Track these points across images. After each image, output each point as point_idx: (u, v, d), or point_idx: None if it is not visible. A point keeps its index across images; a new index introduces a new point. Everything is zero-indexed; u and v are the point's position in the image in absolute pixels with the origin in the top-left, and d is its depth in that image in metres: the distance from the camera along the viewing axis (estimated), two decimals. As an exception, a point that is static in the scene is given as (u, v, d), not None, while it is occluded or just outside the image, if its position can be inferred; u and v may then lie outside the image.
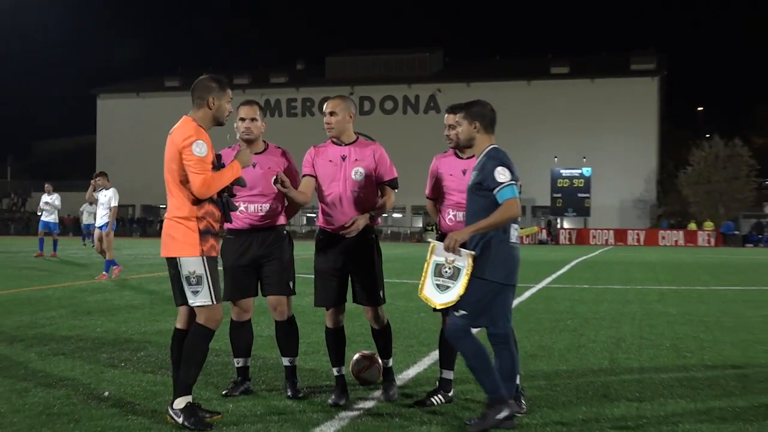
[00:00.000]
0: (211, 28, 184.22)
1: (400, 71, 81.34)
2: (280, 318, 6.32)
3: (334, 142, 6.20)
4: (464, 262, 5.27)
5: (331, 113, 6.12)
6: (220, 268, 5.63)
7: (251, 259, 6.21)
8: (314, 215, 79.93)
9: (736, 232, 59.82)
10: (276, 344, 6.51)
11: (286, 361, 6.35)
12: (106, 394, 6.16)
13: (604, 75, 76.33)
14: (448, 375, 6.06)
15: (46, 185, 25.66)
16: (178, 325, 5.69)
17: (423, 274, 5.49)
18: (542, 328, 10.06)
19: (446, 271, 5.35)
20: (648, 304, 13.18)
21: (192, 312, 5.57)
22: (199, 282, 5.34)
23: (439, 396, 5.99)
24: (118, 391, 6.29)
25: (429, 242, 5.54)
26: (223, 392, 6.25)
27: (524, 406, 5.73)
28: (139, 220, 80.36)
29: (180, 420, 5.23)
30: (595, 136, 73.80)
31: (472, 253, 5.25)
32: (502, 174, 5.23)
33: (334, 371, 6.18)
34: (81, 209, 33.03)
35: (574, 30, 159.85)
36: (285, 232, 6.39)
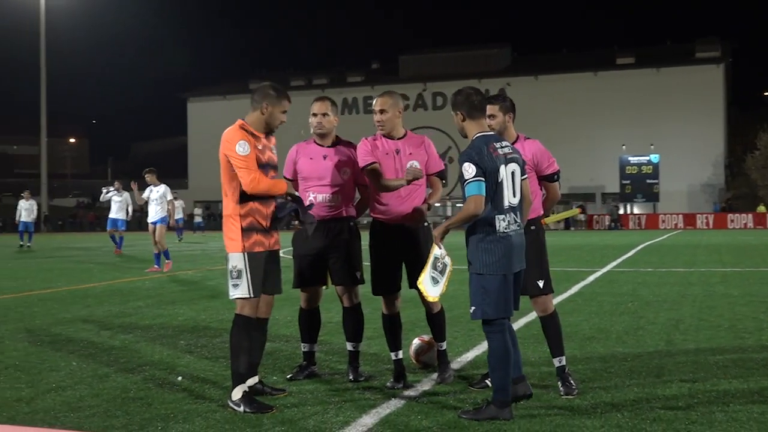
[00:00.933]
0: (291, 32, 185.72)
1: (470, 67, 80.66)
2: (347, 305, 6.31)
3: (385, 137, 6.13)
4: (448, 259, 5.35)
5: (381, 111, 6.05)
6: (288, 256, 5.68)
7: (318, 249, 6.19)
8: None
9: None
10: (342, 329, 6.49)
11: (349, 346, 6.33)
12: (180, 379, 6.22)
13: (669, 64, 74.52)
14: (561, 362, 5.77)
15: (116, 183, 24.77)
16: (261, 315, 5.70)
17: (425, 264, 5.45)
18: (603, 311, 9.83)
19: (439, 265, 5.37)
20: (710, 286, 12.79)
21: (268, 301, 5.68)
22: (239, 276, 5.40)
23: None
24: (192, 376, 6.35)
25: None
26: (288, 376, 6.26)
27: (574, 387, 5.58)
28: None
29: (240, 409, 5.22)
30: (662, 123, 72.14)
31: (440, 254, 5.34)
32: (466, 170, 5.02)
33: (392, 356, 6.14)
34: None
35: (639, 21, 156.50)
36: (352, 223, 6.35)
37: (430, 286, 5.35)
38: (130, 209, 24.60)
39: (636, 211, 67.22)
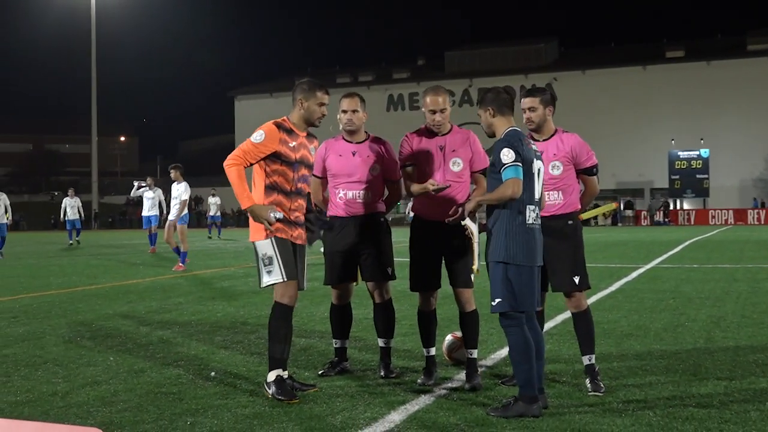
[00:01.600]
0: (337, 29, 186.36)
1: (516, 62, 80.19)
2: (378, 301, 6.30)
3: (430, 132, 6.04)
4: (475, 230, 5.42)
5: (443, 110, 5.96)
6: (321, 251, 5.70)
7: (349, 246, 6.19)
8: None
9: None
10: (374, 326, 6.49)
11: (381, 342, 6.32)
12: (213, 374, 6.27)
13: (719, 57, 73.31)
14: (590, 360, 5.68)
15: (148, 179, 24.10)
16: (288, 302, 5.69)
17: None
18: (643, 308, 9.69)
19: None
20: (756, 283, 12.54)
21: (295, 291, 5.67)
22: (270, 262, 5.49)
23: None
24: (224, 371, 6.39)
25: None
26: (320, 372, 6.27)
27: (602, 387, 5.50)
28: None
29: (271, 391, 5.40)
30: (712, 117, 71.00)
31: (470, 225, 5.43)
32: (506, 155, 5.02)
33: (424, 351, 6.11)
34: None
35: (689, 13, 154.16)
36: (383, 219, 6.33)
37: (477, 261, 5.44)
38: (163, 206, 23.61)
39: (685, 206, 66.26)
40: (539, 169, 5.20)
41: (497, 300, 5.07)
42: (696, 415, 4.89)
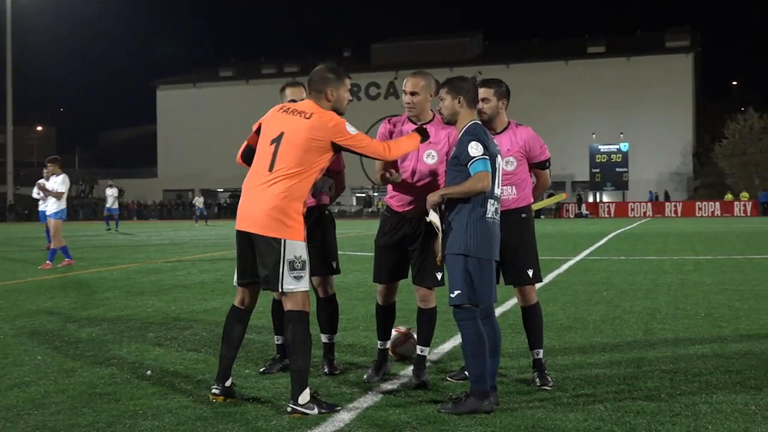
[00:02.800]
0: (261, 19, 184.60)
1: (442, 55, 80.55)
2: (322, 295, 6.13)
3: (410, 120, 5.80)
4: (437, 221, 5.14)
5: (413, 93, 5.67)
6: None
7: None
8: (363, 194, 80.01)
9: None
10: (316, 321, 6.32)
11: (324, 338, 6.16)
12: (149, 373, 6.03)
13: (639, 53, 75.07)
14: (539, 354, 5.63)
15: (110, 181, 25.96)
16: (236, 303, 5.35)
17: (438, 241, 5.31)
18: (578, 300, 9.75)
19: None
20: (684, 274, 12.77)
21: (252, 293, 5.28)
22: (303, 267, 4.98)
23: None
24: (161, 369, 6.15)
25: None
26: (261, 369, 6.09)
27: (550, 380, 5.46)
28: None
29: (316, 411, 4.84)
30: (631, 112, 72.64)
31: (435, 219, 5.14)
32: (474, 148, 4.93)
33: (379, 344, 5.96)
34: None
35: (610, 10, 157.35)
36: (327, 212, 6.15)
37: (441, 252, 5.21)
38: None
39: (605, 199, 67.64)
40: (499, 164, 5.14)
41: (456, 292, 4.96)
42: (646, 409, 4.87)
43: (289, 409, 4.89)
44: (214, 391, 5.22)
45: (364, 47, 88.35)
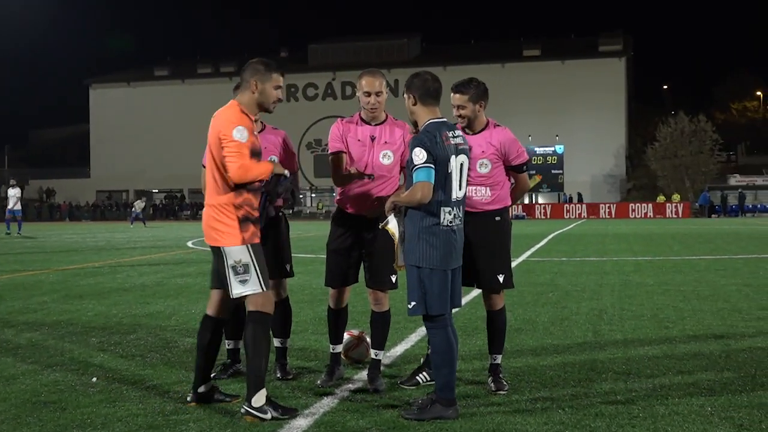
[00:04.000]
0: (198, 18, 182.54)
1: (380, 57, 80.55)
2: (276, 299, 5.99)
3: (363, 120, 5.68)
4: (394, 227, 5.01)
5: (378, 93, 5.55)
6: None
7: None
8: (314, 195, 79.60)
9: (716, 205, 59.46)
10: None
11: (277, 342, 6.03)
12: (95, 380, 5.83)
13: (573, 56, 76.15)
14: (496, 359, 5.56)
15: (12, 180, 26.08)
16: (209, 312, 5.28)
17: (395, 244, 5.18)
18: (525, 302, 9.77)
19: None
20: (625, 275, 12.93)
21: (224, 299, 5.17)
22: (246, 270, 4.91)
23: (424, 374, 5.67)
24: (107, 376, 5.95)
25: None
26: (212, 375, 5.91)
27: (505, 384, 5.42)
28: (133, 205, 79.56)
29: (269, 416, 4.75)
30: (566, 114, 73.69)
31: (390, 226, 5.01)
32: (417, 155, 4.76)
33: (331, 348, 5.86)
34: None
35: (545, 13, 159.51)
36: (281, 213, 6.02)
37: (400, 258, 5.07)
38: None
39: (541, 200, 68.47)
40: (462, 164, 4.94)
41: (412, 303, 4.88)
42: (605, 412, 4.87)
43: (242, 411, 4.82)
44: (187, 398, 5.24)
45: (301, 47, 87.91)
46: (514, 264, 15.07)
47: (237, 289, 4.93)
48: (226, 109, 5.03)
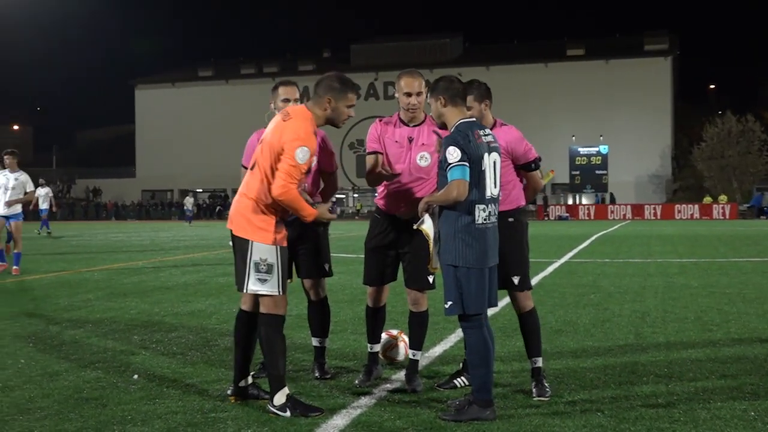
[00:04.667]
0: (242, 19, 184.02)
1: (422, 57, 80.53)
2: (314, 298, 6.03)
3: (401, 121, 5.70)
4: (429, 227, 4.96)
5: (419, 93, 5.57)
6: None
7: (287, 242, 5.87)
8: (356, 195, 79.71)
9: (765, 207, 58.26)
10: (306, 324, 6.22)
11: (315, 342, 6.06)
12: (136, 377, 5.90)
13: (618, 56, 75.41)
14: (537, 363, 5.44)
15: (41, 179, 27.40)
16: (243, 307, 5.32)
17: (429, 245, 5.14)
18: (566, 303, 9.69)
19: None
20: (669, 277, 12.76)
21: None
22: (269, 270, 4.95)
23: (463, 378, 5.64)
24: (148, 373, 6.02)
25: None
26: (251, 374, 5.96)
27: (548, 390, 5.30)
28: (178, 204, 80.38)
29: (288, 414, 4.85)
30: (611, 114, 72.99)
31: (424, 227, 4.96)
32: (451, 154, 4.78)
33: (369, 347, 5.87)
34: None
35: (589, 13, 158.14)
36: None
37: (435, 260, 5.05)
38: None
39: (585, 201, 67.90)
40: (495, 162, 4.94)
41: (449, 303, 4.86)
42: (645, 415, 4.81)
43: (268, 408, 4.95)
44: (227, 391, 5.35)
45: (344, 48, 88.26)
46: (556, 265, 15.11)
47: (254, 285, 4.97)
48: (301, 120, 4.98)
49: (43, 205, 31.25)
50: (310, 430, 4.58)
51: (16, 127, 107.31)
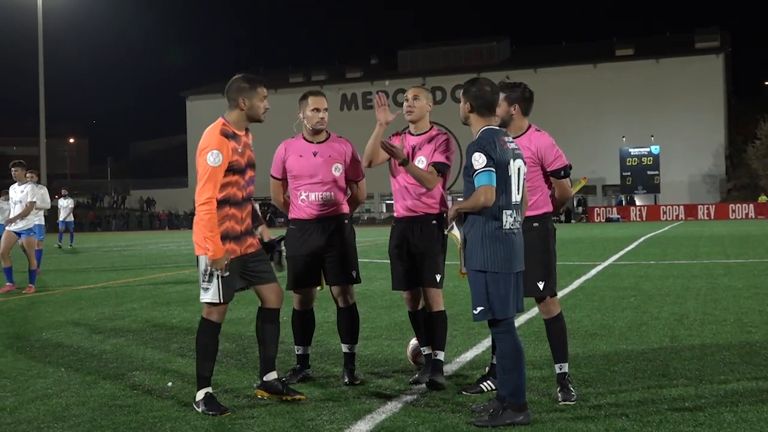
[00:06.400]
0: (289, 28, 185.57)
1: (469, 60, 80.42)
2: (342, 305, 6.12)
3: (410, 133, 6.00)
4: (458, 234, 5.03)
5: (415, 97, 5.94)
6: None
7: (313, 249, 5.99)
8: (391, 201, 79.64)
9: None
10: (337, 330, 6.31)
11: (345, 348, 6.13)
12: (170, 384, 6.03)
13: (668, 55, 74.23)
14: (562, 368, 5.44)
15: (63, 190, 27.94)
16: (262, 305, 5.63)
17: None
18: (605, 307, 9.63)
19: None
20: (714, 279, 12.58)
21: (270, 289, 5.51)
22: (210, 280, 5.28)
23: (489, 382, 5.65)
24: (182, 380, 6.15)
25: None
26: (282, 379, 6.05)
27: (573, 395, 5.30)
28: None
29: (200, 410, 5.19)
30: (662, 114, 71.88)
31: (454, 232, 5.03)
32: (477, 160, 4.83)
33: (423, 351, 6.07)
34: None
35: (638, 12, 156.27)
36: (347, 221, 6.14)
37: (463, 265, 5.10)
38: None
39: (637, 202, 67.03)
40: (519, 168, 4.98)
41: (479, 309, 4.88)
42: (669, 419, 4.78)
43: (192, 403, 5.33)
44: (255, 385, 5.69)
45: (391, 54, 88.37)
46: (599, 268, 14.99)
47: (201, 295, 5.36)
48: (209, 130, 5.32)
49: (66, 217, 30.08)
50: (334, 436, 4.65)
51: (72, 140, 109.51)
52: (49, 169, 73.04)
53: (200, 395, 5.26)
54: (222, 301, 5.29)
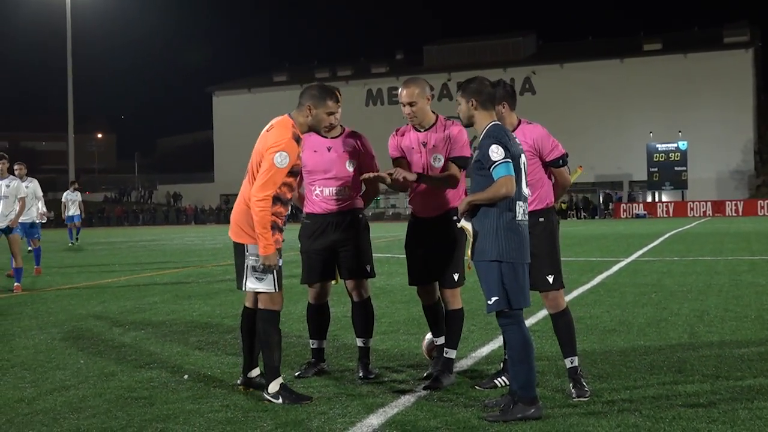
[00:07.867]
0: (315, 24, 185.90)
1: (495, 56, 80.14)
2: (357, 299, 6.13)
3: (414, 128, 5.94)
4: (469, 227, 5.00)
5: (411, 104, 5.81)
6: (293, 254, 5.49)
7: (327, 244, 6.01)
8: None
9: None
10: (352, 325, 6.33)
11: (359, 342, 6.15)
12: (186, 377, 6.07)
13: (696, 49, 73.52)
14: (573, 362, 5.38)
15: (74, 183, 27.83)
16: (247, 304, 5.73)
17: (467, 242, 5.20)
18: (625, 303, 9.57)
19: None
20: (737, 275, 12.47)
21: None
22: (263, 270, 5.33)
23: (503, 378, 5.65)
24: (198, 373, 6.20)
25: None
26: (296, 373, 6.09)
27: (586, 390, 5.25)
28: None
29: (279, 401, 5.21)
30: (689, 109, 71.23)
31: (466, 225, 4.99)
32: (495, 152, 4.84)
33: (436, 341, 6.06)
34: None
35: (666, 6, 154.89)
36: (361, 216, 6.16)
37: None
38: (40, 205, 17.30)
39: (664, 198, 66.53)
40: (524, 162, 5.02)
41: (493, 299, 4.87)
42: (683, 415, 4.75)
43: (263, 396, 5.33)
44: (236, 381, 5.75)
45: (416, 49, 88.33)
46: (621, 264, 14.90)
47: (252, 284, 5.40)
48: (281, 128, 5.33)
49: (73, 212, 27.36)
50: (345, 429, 4.66)
51: (99, 136, 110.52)
52: (77, 164, 73.81)
53: (274, 387, 5.27)
54: (277, 290, 5.38)
